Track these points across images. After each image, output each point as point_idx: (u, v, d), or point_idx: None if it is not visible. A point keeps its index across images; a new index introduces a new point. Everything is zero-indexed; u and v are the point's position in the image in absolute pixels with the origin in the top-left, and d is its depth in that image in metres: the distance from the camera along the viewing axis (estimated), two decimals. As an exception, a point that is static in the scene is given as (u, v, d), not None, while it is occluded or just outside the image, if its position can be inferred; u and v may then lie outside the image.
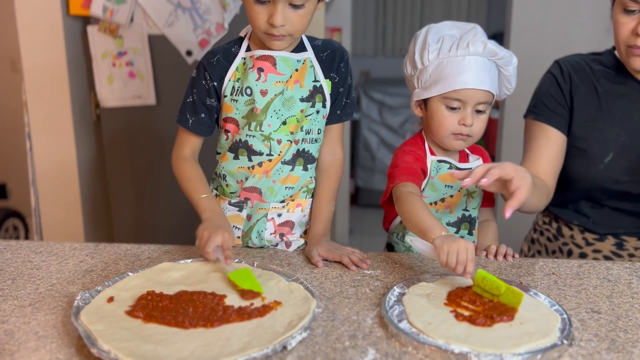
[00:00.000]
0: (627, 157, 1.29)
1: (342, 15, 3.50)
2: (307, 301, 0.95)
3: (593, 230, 1.36)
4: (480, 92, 1.17)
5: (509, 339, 0.85)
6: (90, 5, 2.17)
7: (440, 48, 1.18)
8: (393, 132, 4.47)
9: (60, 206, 2.39)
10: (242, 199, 1.26)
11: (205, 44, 2.14)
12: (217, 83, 1.20)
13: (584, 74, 1.35)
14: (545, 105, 1.35)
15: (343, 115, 1.29)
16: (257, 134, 1.20)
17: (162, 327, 0.87)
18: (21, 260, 1.17)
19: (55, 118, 2.30)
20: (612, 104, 1.31)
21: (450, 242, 0.99)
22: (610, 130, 1.30)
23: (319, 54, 1.23)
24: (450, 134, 1.20)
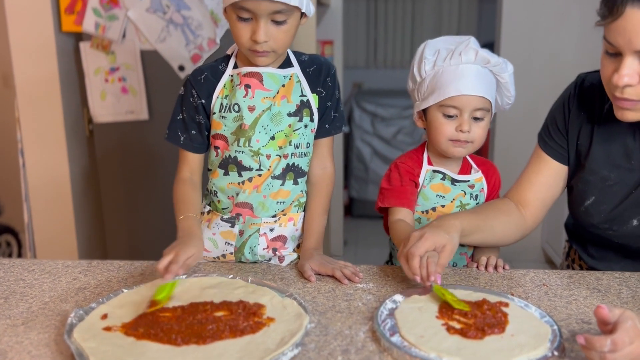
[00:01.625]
0: (608, 202, 1.20)
1: (334, 28, 3.53)
2: (299, 317, 0.96)
3: (587, 262, 1.32)
4: (475, 98, 1.20)
5: (500, 351, 0.86)
6: (83, 21, 2.18)
7: (435, 60, 1.22)
8: (386, 143, 4.49)
9: (54, 222, 2.39)
10: (234, 214, 1.27)
11: (197, 59, 2.15)
12: (204, 100, 1.21)
13: (595, 100, 1.22)
14: (548, 130, 1.28)
15: (332, 129, 1.30)
16: (246, 149, 1.21)
17: (154, 344, 0.87)
18: (14, 278, 1.17)
19: (48, 134, 2.31)
20: (609, 141, 1.20)
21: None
22: (598, 172, 1.20)
23: (305, 69, 1.25)
24: (448, 140, 1.23)
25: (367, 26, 5.42)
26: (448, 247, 1.06)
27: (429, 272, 1.00)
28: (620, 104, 1.06)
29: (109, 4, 2.15)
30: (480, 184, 1.30)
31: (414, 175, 1.27)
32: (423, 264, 1.01)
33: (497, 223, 1.24)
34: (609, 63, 1.06)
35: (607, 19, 1.01)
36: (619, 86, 1.03)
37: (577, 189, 1.24)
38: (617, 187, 1.19)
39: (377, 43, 5.45)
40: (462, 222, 1.14)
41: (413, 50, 5.41)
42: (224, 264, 1.27)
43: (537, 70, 3.32)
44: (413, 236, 1.06)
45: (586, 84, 1.24)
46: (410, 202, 1.25)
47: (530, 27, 3.29)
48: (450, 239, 1.07)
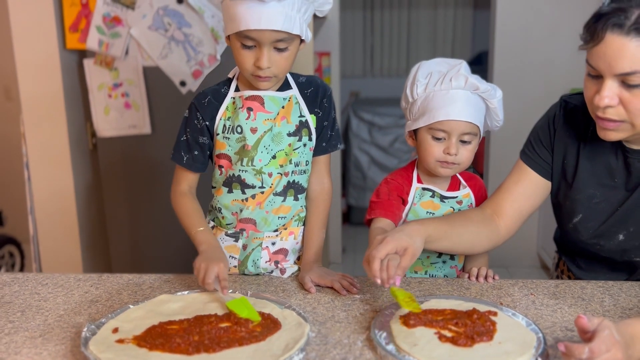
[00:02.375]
0: (597, 220, 1.24)
1: (331, 40, 3.60)
2: (301, 326, 1.02)
3: (575, 274, 1.36)
4: (463, 123, 1.25)
5: (488, 357, 0.92)
6: (87, 39, 2.25)
7: (427, 83, 1.27)
8: (383, 151, 4.56)
9: (58, 234, 2.44)
10: (238, 229, 1.33)
11: (198, 75, 2.22)
12: (208, 122, 1.28)
13: (578, 122, 1.26)
14: (532, 145, 1.32)
15: (328, 147, 1.37)
16: (249, 168, 1.27)
17: (166, 354, 0.93)
18: (29, 292, 1.23)
19: (53, 148, 2.37)
20: (593, 161, 1.24)
21: None
22: (584, 191, 1.24)
23: (303, 91, 1.31)
24: (437, 161, 1.28)
25: (363, 35, 5.50)
26: (409, 250, 1.08)
27: (389, 275, 1.03)
28: (603, 124, 1.11)
29: (112, 22, 2.22)
30: (468, 199, 1.36)
31: (403, 192, 1.32)
32: (383, 266, 1.04)
33: (465, 231, 1.26)
34: (591, 85, 1.11)
35: (589, 44, 1.07)
36: (600, 107, 1.08)
37: (565, 207, 1.29)
38: (603, 205, 1.23)
39: (374, 52, 5.53)
40: (427, 228, 1.16)
41: (409, 58, 5.49)
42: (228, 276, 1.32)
43: (531, 78, 3.38)
44: (376, 240, 1.09)
45: (570, 106, 1.29)
46: (395, 216, 1.29)
47: (524, 36, 3.36)
48: (412, 242, 1.09)
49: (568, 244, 1.37)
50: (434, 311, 1.07)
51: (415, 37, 5.45)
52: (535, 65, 3.38)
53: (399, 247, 1.07)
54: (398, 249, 1.07)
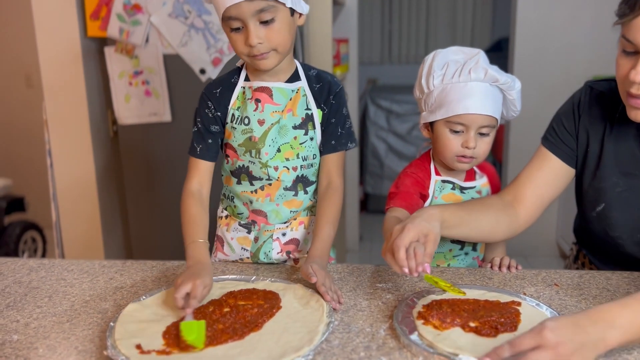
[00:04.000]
0: (619, 210, 1.21)
1: (349, 26, 3.58)
2: (322, 306, 1.06)
3: (598, 267, 1.34)
4: (482, 116, 1.22)
5: None
6: (107, 27, 2.26)
7: (444, 74, 1.23)
8: (401, 139, 4.54)
9: (80, 220, 2.48)
10: (250, 221, 1.33)
11: (218, 62, 2.22)
12: (220, 113, 1.27)
13: (605, 108, 1.24)
14: (554, 131, 1.30)
15: (338, 146, 1.31)
16: (256, 160, 1.26)
17: (209, 349, 0.93)
18: (55, 278, 1.25)
19: (75, 135, 2.39)
20: (618, 148, 1.21)
21: None
22: (608, 179, 1.22)
23: (312, 84, 1.28)
24: (455, 155, 1.26)
25: (381, 22, 5.46)
26: (431, 235, 1.05)
27: (417, 263, 1.00)
28: (635, 102, 1.08)
29: (133, 9, 2.23)
30: (486, 188, 1.34)
31: (424, 187, 1.30)
32: (410, 254, 1.01)
33: (483, 218, 1.23)
34: (626, 62, 1.08)
35: (627, 17, 1.03)
36: (635, 82, 1.05)
37: (589, 195, 1.27)
38: (626, 195, 1.21)
39: (392, 39, 5.49)
40: (443, 213, 1.13)
41: (428, 45, 5.44)
42: (243, 265, 1.32)
43: (552, 65, 3.34)
44: (395, 230, 1.05)
45: (595, 92, 1.26)
46: (412, 208, 1.26)
47: (545, 23, 3.31)
48: (432, 227, 1.06)
49: (589, 234, 1.34)
50: (458, 301, 1.07)
51: (434, 23, 5.39)
52: (556, 51, 3.34)
53: (420, 234, 1.04)
54: (419, 236, 1.04)
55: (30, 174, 4.16)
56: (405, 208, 1.26)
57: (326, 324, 1.00)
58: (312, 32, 2.76)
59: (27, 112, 4.17)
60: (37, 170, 3.99)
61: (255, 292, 1.10)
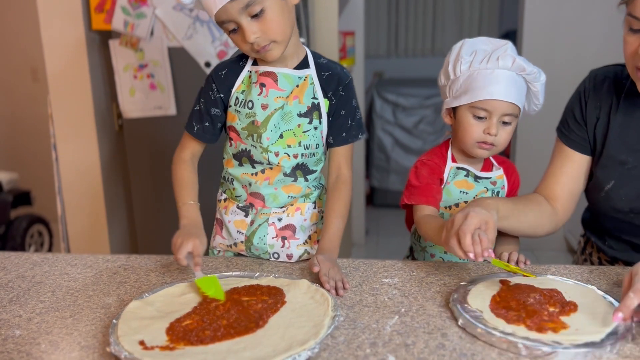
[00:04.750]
0: (630, 186, 1.24)
1: (355, 19, 3.55)
2: (326, 300, 1.04)
3: (606, 253, 1.35)
4: (506, 103, 1.23)
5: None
6: (112, 20, 2.24)
7: (472, 60, 1.25)
8: (407, 133, 4.51)
9: (86, 214, 2.48)
10: (248, 203, 1.33)
11: (223, 55, 2.21)
12: (223, 95, 1.28)
13: (608, 91, 1.28)
14: (567, 123, 1.33)
15: (349, 137, 1.32)
16: (257, 145, 1.27)
17: (216, 344, 0.91)
18: (58, 272, 1.24)
19: (80, 129, 2.39)
20: (625, 127, 1.24)
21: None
22: (616, 157, 1.25)
23: (321, 73, 1.28)
24: (475, 142, 1.27)
25: (388, 15, 5.42)
26: (491, 223, 1.09)
27: (483, 248, 1.04)
28: None
29: (137, 2, 2.21)
30: (501, 181, 1.34)
31: (440, 172, 1.32)
32: (476, 240, 1.04)
33: (530, 211, 1.27)
34: (633, 39, 1.11)
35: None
36: None
37: (596, 176, 1.29)
38: (636, 171, 1.23)
39: (399, 32, 5.45)
40: (497, 203, 1.18)
41: (434, 38, 5.40)
42: (247, 261, 1.31)
43: (561, 58, 3.30)
44: (457, 217, 1.09)
45: (599, 77, 1.29)
46: (436, 201, 1.29)
47: (553, 16, 3.27)
48: (491, 215, 1.10)
49: (599, 219, 1.35)
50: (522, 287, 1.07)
51: (441, 16, 5.35)
52: (565, 45, 3.30)
53: (482, 222, 1.08)
54: (481, 223, 1.08)
55: (36, 168, 4.17)
56: (430, 204, 1.29)
57: (332, 317, 0.98)
58: (318, 25, 2.74)
59: (33, 105, 4.17)
60: (44, 163, 3.99)
61: (259, 288, 1.09)
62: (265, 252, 1.34)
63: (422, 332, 0.96)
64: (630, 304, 0.92)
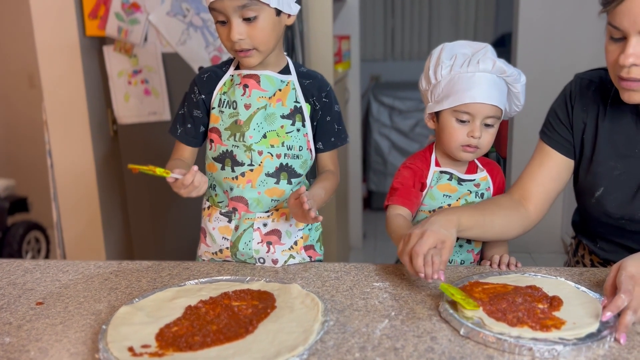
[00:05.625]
0: (620, 192, 1.23)
1: (350, 23, 3.56)
2: (316, 304, 1.04)
3: (598, 255, 1.34)
4: (488, 106, 1.24)
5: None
6: (106, 26, 2.25)
7: (452, 65, 1.25)
8: (404, 136, 4.52)
9: (81, 220, 2.48)
10: (231, 208, 1.34)
11: (217, 61, 2.21)
12: (205, 96, 1.31)
13: (595, 96, 1.27)
14: (551, 124, 1.33)
15: (337, 142, 1.38)
16: (240, 144, 1.29)
17: (205, 350, 0.91)
18: (50, 279, 1.24)
19: (75, 135, 2.39)
20: (613, 132, 1.24)
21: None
22: (605, 163, 1.25)
23: (302, 80, 1.33)
24: (460, 145, 1.27)
25: (384, 18, 5.43)
26: (447, 243, 1.09)
27: (434, 270, 1.04)
28: (627, 85, 1.11)
29: (131, 8, 2.22)
30: (485, 182, 1.35)
31: (423, 176, 1.32)
32: (427, 261, 1.04)
33: (496, 218, 1.26)
34: (614, 48, 1.11)
35: (611, 4, 1.07)
36: (625, 66, 1.08)
37: (586, 182, 1.28)
38: (625, 177, 1.23)
39: (395, 35, 5.45)
40: (460, 217, 1.17)
41: (431, 41, 5.41)
42: (238, 266, 1.31)
43: (555, 60, 3.31)
44: (414, 234, 1.09)
45: (585, 82, 1.30)
46: (412, 204, 1.29)
47: (548, 18, 3.28)
48: (449, 235, 1.11)
49: (590, 223, 1.34)
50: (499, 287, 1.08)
51: (437, 19, 5.36)
52: (560, 47, 3.31)
53: (438, 241, 1.08)
54: (437, 242, 1.08)
55: (33, 174, 4.17)
56: (405, 205, 1.29)
57: (321, 322, 0.98)
58: (313, 30, 2.74)
59: (30, 111, 4.17)
60: (40, 170, 3.98)
61: (249, 293, 1.09)
62: (250, 258, 1.34)
63: (411, 336, 0.96)
64: (620, 304, 0.94)
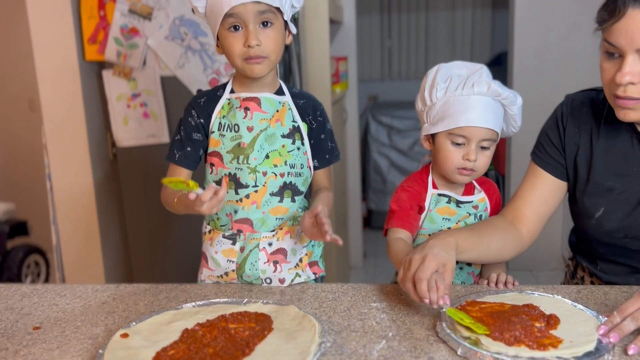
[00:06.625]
0: (621, 211, 1.22)
1: (348, 44, 3.60)
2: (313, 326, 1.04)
3: (600, 278, 1.33)
4: (483, 129, 1.23)
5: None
6: (105, 50, 2.27)
7: (447, 87, 1.25)
8: (403, 155, 4.54)
9: (81, 243, 2.47)
10: (235, 231, 1.34)
11: (215, 83, 2.23)
12: (204, 120, 1.32)
13: (588, 117, 1.27)
14: (542, 146, 1.32)
15: (332, 158, 1.42)
16: (244, 166, 1.29)
17: None
18: (47, 303, 1.24)
19: (74, 158, 2.40)
20: (608, 152, 1.23)
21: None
22: (603, 184, 1.23)
23: (296, 100, 1.36)
24: (455, 168, 1.26)
25: (381, 39, 5.48)
26: (449, 265, 1.08)
27: (439, 296, 1.01)
28: (622, 103, 1.11)
29: (130, 33, 2.24)
30: (483, 204, 1.34)
31: (421, 199, 1.31)
32: (432, 287, 1.02)
33: (492, 240, 1.25)
34: (610, 66, 1.11)
35: (608, 22, 1.08)
36: (621, 84, 1.08)
37: (584, 204, 1.27)
38: (625, 196, 1.22)
39: (392, 55, 5.50)
40: (458, 239, 1.16)
41: (428, 60, 5.45)
42: (235, 287, 1.31)
43: (551, 78, 3.33)
44: (414, 259, 1.07)
45: (576, 103, 1.29)
46: (412, 227, 1.27)
47: (543, 36, 3.31)
48: (449, 257, 1.09)
49: (589, 244, 1.33)
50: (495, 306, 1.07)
51: (434, 39, 5.41)
52: (556, 65, 3.34)
53: (440, 265, 1.07)
54: (439, 266, 1.07)
55: (33, 198, 4.17)
56: (405, 228, 1.28)
57: (318, 344, 0.98)
58: (310, 52, 2.77)
59: (30, 135, 4.19)
60: (40, 193, 3.99)
61: (246, 315, 1.08)
62: (257, 279, 1.34)
63: (409, 357, 0.96)
64: (613, 320, 0.98)
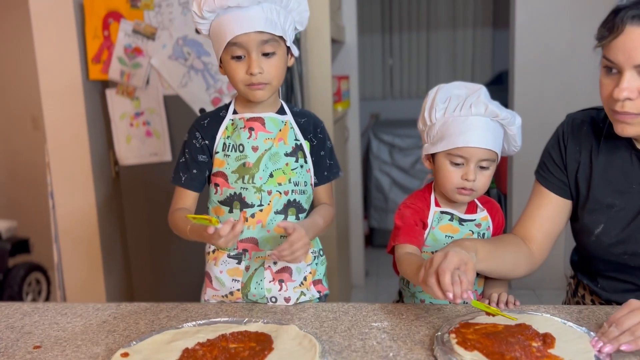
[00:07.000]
0: (619, 227, 1.23)
1: (349, 64, 3.62)
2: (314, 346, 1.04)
3: (600, 295, 1.33)
4: (482, 150, 1.24)
5: None
6: (109, 70, 2.30)
7: (446, 107, 1.27)
8: (404, 173, 4.54)
9: (82, 262, 2.47)
10: (240, 250, 1.34)
11: (217, 102, 2.25)
12: (208, 141, 1.33)
13: (588, 134, 1.28)
14: (545, 166, 1.34)
15: (330, 175, 1.43)
16: (250, 186, 1.31)
17: None
18: (48, 322, 1.24)
19: (77, 176, 2.41)
20: (608, 169, 1.25)
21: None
22: (603, 200, 1.24)
23: (297, 119, 1.38)
24: (455, 187, 1.28)
25: (382, 58, 5.52)
26: (470, 264, 1.06)
27: (462, 289, 1.00)
28: (621, 117, 1.12)
29: (133, 52, 2.27)
30: (486, 222, 1.35)
31: (424, 216, 1.32)
32: (456, 280, 1.00)
33: (507, 254, 1.26)
34: (609, 81, 1.13)
35: (607, 39, 1.10)
36: (619, 100, 1.10)
37: (584, 220, 1.28)
38: (624, 213, 1.23)
39: (393, 74, 5.54)
40: (476, 245, 1.17)
41: (429, 79, 5.48)
42: (236, 307, 1.31)
43: (552, 97, 3.35)
44: (437, 256, 1.06)
45: (577, 122, 1.31)
46: (418, 242, 1.28)
47: (544, 55, 3.33)
48: (470, 256, 1.08)
49: (590, 262, 1.34)
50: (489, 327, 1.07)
51: (435, 58, 5.45)
52: (556, 84, 3.35)
53: (461, 262, 1.05)
54: (461, 263, 1.05)
55: (35, 216, 4.18)
56: (412, 243, 1.28)
57: None
58: (312, 70, 2.79)
59: (33, 153, 4.21)
60: (42, 211, 4.00)
61: (247, 334, 1.08)
62: (262, 297, 1.34)
63: (409, 377, 0.96)
64: (609, 334, 1.00)
